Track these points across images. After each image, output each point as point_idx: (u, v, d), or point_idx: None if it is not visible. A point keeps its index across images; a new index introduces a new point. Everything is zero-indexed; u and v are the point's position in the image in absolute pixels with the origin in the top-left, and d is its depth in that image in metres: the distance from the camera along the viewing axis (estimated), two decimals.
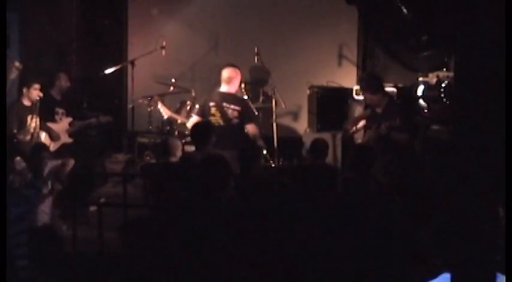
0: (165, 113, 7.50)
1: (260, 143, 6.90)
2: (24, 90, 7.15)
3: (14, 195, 4.84)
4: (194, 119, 6.94)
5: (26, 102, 7.15)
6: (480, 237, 2.81)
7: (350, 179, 5.45)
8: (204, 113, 6.73)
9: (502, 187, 2.80)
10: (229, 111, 6.59)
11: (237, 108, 6.62)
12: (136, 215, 5.45)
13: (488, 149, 2.78)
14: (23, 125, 7.01)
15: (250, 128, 6.68)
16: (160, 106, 7.53)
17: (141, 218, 5.04)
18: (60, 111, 7.63)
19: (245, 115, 6.69)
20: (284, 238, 4.71)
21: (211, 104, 6.65)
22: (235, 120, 6.61)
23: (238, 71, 6.87)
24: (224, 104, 6.62)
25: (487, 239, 2.81)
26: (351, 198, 5.24)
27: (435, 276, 3.15)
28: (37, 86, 7.12)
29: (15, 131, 6.91)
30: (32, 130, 7.04)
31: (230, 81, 6.74)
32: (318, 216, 4.87)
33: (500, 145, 2.80)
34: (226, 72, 6.79)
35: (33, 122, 7.06)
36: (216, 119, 6.59)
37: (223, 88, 6.78)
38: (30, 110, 7.11)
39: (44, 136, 7.34)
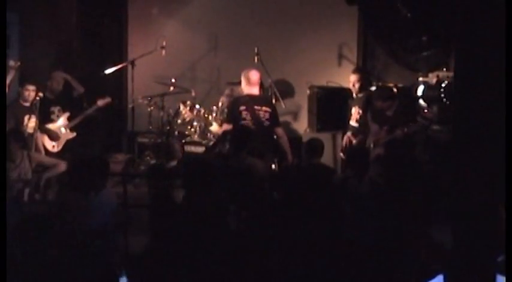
0: (188, 115, 7.41)
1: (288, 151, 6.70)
2: (20, 90, 7.13)
3: None
4: (225, 126, 6.69)
5: (24, 103, 7.13)
6: (480, 238, 2.81)
7: (347, 178, 5.47)
8: (234, 118, 6.44)
9: (502, 187, 2.80)
10: (261, 113, 6.46)
11: (268, 109, 6.51)
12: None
13: (488, 149, 2.78)
14: (19, 125, 6.98)
15: (279, 132, 6.59)
16: (182, 108, 7.45)
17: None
18: (56, 109, 7.60)
19: (275, 117, 6.58)
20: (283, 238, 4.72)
21: (242, 108, 6.42)
22: (267, 122, 6.49)
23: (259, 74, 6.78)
24: (255, 107, 6.47)
25: (487, 240, 2.81)
26: (349, 198, 5.26)
27: (431, 277, 3.14)
28: (32, 87, 7.08)
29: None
30: (29, 130, 7.01)
31: (257, 83, 6.62)
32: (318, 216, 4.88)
33: (501, 145, 2.80)
34: (253, 75, 6.64)
35: (30, 122, 7.03)
36: (247, 122, 6.39)
37: (251, 90, 6.61)
38: (27, 110, 7.08)
39: (45, 139, 7.32)
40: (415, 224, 5.17)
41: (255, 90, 6.59)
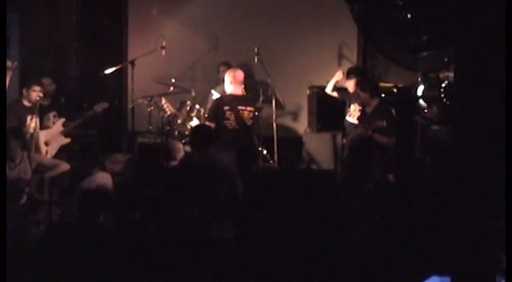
0: (169, 109, 7.43)
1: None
2: (24, 91, 7.13)
3: None
4: (195, 123, 6.80)
5: (26, 103, 7.13)
6: (480, 239, 2.81)
7: (348, 178, 5.47)
8: (218, 118, 6.46)
9: (502, 188, 2.80)
10: (246, 113, 6.49)
11: (251, 109, 6.53)
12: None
13: (488, 149, 2.78)
14: (21, 125, 6.97)
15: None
16: (164, 102, 7.46)
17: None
18: (52, 114, 7.57)
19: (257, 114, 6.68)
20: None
21: (226, 108, 6.43)
22: (251, 121, 6.53)
23: (242, 73, 6.77)
24: (239, 107, 6.52)
25: (487, 241, 2.81)
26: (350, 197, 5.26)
27: (424, 278, 3.14)
28: (37, 87, 7.08)
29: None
30: (31, 130, 7.01)
31: (240, 82, 6.63)
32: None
33: (501, 145, 2.80)
34: (239, 74, 6.66)
35: (32, 122, 7.02)
36: (230, 122, 6.40)
37: (233, 90, 6.66)
38: (30, 111, 7.08)
39: (42, 138, 7.30)
40: (417, 224, 5.17)
41: (239, 90, 6.60)
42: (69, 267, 4.40)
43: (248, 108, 6.46)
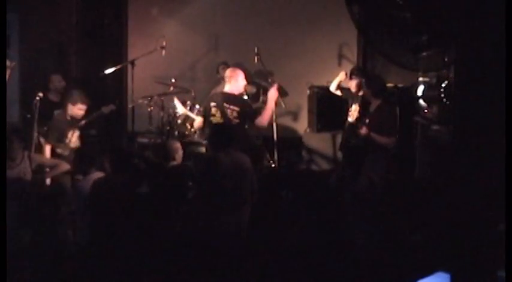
0: (180, 109, 7.46)
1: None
2: (69, 105, 7.06)
3: None
4: (199, 119, 6.88)
5: (69, 118, 7.08)
6: (480, 237, 2.81)
7: (344, 177, 5.49)
8: (206, 113, 6.63)
9: (502, 187, 2.80)
10: (229, 111, 6.53)
11: (236, 108, 6.55)
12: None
13: (488, 148, 2.78)
14: (62, 139, 6.95)
15: (258, 122, 6.66)
16: (176, 102, 7.48)
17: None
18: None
19: (246, 115, 6.63)
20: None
21: (212, 104, 6.61)
22: (236, 121, 6.55)
23: (238, 70, 6.78)
24: (224, 104, 6.56)
25: (487, 240, 2.81)
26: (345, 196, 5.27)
27: (429, 274, 3.14)
28: (84, 106, 7.02)
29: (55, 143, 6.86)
30: (72, 145, 6.97)
31: (230, 80, 6.68)
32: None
33: (500, 145, 2.80)
34: (227, 72, 6.76)
35: (73, 137, 6.99)
36: (216, 119, 6.52)
37: (225, 88, 6.71)
38: (71, 125, 7.03)
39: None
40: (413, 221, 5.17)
41: (235, 89, 6.62)
42: (69, 267, 4.41)
43: (232, 107, 6.48)
